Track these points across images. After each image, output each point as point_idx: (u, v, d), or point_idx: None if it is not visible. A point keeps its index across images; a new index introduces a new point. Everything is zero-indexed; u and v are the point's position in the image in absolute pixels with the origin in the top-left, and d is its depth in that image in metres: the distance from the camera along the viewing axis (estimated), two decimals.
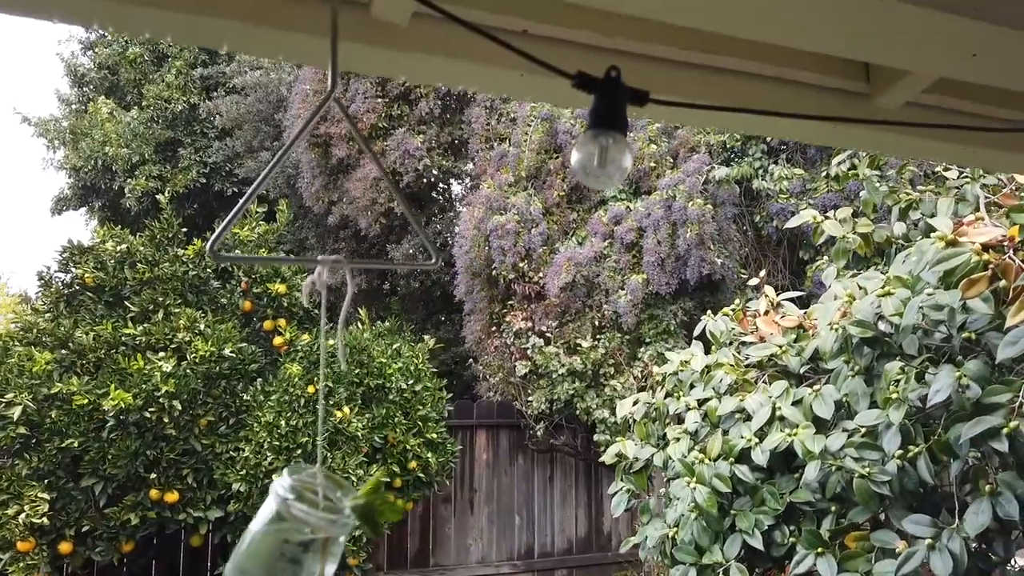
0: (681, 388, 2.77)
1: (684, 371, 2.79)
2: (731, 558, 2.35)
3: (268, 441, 4.90)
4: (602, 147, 0.97)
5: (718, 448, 2.44)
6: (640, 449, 2.76)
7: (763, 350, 2.62)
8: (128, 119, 11.57)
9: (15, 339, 5.07)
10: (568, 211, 7.25)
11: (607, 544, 7.56)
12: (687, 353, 2.84)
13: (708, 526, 2.41)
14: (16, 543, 4.48)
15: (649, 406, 2.85)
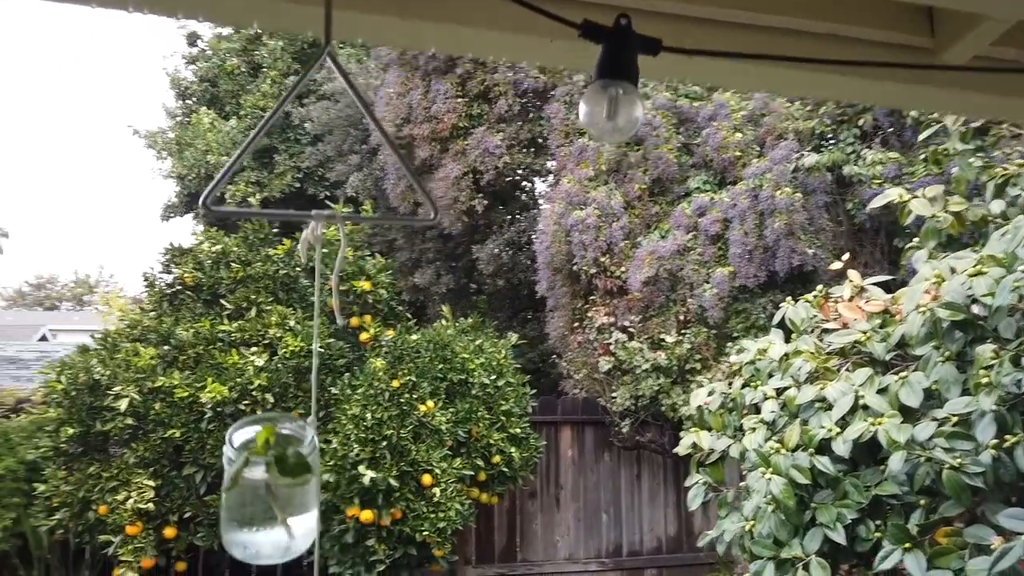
0: (759, 377, 2.67)
1: (762, 360, 2.68)
2: (811, 553, 2.24)
3: (354, 433, 5.04)
4: (611, 98, 0.93)
5: (796, 438, 2.33)
6: (716, 440, 2.68)
7: (846, 337, 2.48)
8: (227, 128, 12.16)
9: (122, 336, 5.42)
10: (650, 204, 7.12)
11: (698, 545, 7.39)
12: (765, 341, 2.73)
13: (787, 519, 2.31)
14: (125, 527, 4.78)
15: (725, 396, 2.76)
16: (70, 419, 5.06)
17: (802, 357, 2.51)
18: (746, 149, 6.82)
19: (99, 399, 5.04)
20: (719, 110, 6.99)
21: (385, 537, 5.03)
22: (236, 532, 0.90)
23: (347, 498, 4.92)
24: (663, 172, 6.99)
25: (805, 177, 6.56)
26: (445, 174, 8.06)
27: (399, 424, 5.15)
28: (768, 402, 2.54)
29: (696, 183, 6.99)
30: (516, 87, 7.96)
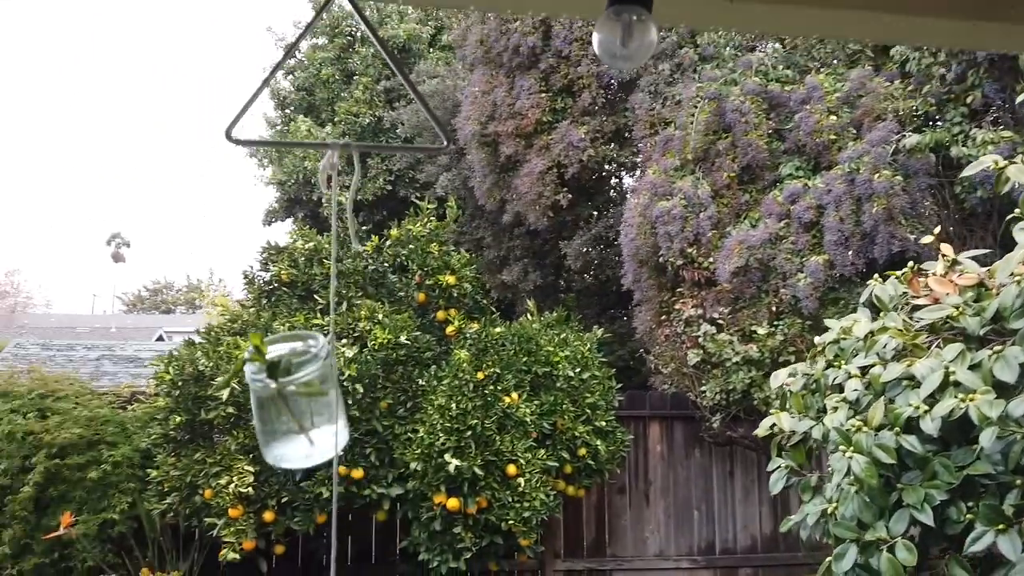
0: (843, 356, 2.55)
1: (846, 339, 2.56)
2: (898, 535, 2.12)
3: (440, 423, 5.14)
4: (625, 25, 0.91)
5: (880, 416, 2.21)
6: (797, 422, 2.57)
7: (936, 312, 2.33)
8: (323, 135, 12.63)
9: (224, 330, 5.72)
10: (739, 192, 6.92)
11: (796, 544, 7.10)
12: (850, 319, 2.60)
13: (871, 501, 2.19)
14: (228, 510, 5.04)
15: (808, 377, 2.64)
16: (178, 408, 5.40)
17: (888, 334, 2.38)
18: (841, 132, 6.52)
19: (203, 389, 5.34)
20: (812, 93, 6.71)
21: (471, 525, 5.10)
22: (265, 443, 0.95)
23: (434, 486, 5.02)
24: (753, 159, 6.78)
25: (906, 159, 6.21)
26: (529, 169, 8.09)
27: (483, 414, 5.21)
28: (851, 381, 2.42)
29: (788, 169, 6.74)
30: (600, 79, 7.91)
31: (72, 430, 5.99)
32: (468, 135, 8.61)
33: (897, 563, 2.06)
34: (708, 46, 7.51)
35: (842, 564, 2.23)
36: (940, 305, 2.33)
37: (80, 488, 5.95)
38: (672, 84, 7.59)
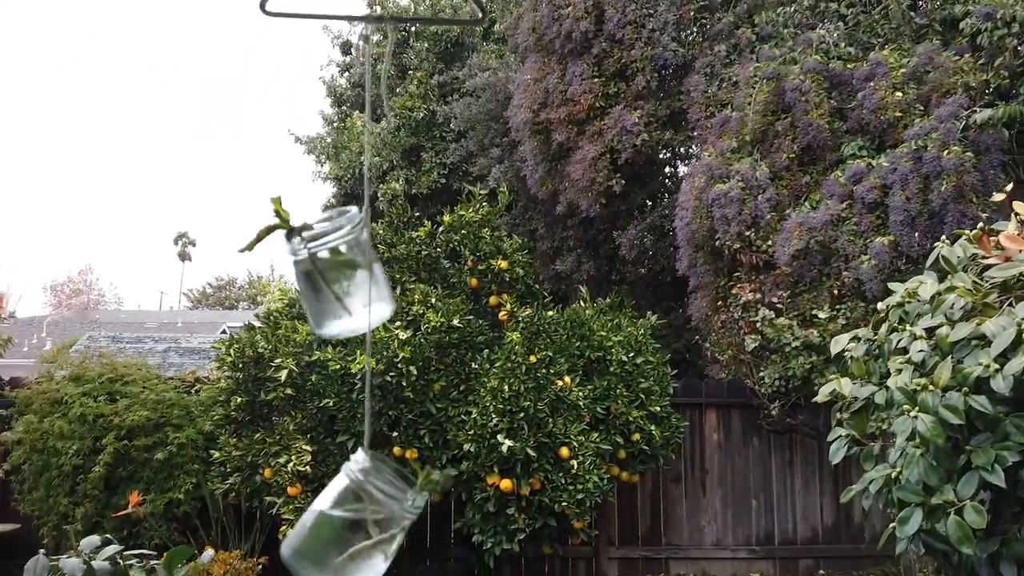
0: (907, 320, 2.43)
1: (911, 302, 2.44)
2: (966, 498, 2.01)
3: (493, 405, 5.14)
4: None
5: (947, 376, 2.10)
6: (859, 388, 2.47)
7: (1008, 269, 2.20)
8: (378, 130, 12.81)
9: (282, 315, 5.84)
10: (799, 174, 6.74)
11: (859, 536, 6.89)
12: (915, 281, 2.49)
13: (937, 463, 2.08)
14: (287, 488, 5.15)
15: (871, 343, 2.54)
16: (238, 390, 5.53)
17: (957, 293, 2.26)
18: (908, 109, 6.29)
19: (263, 371, 5.46)
20: (876, 69, 6.49)
21: (525, 507, 5.09)
22: (316, 324, 0.93)
23: (487, 466, 5.03)
24: (813, 139, 6.59)
25: (977, 135, 5.95)
26: (582, 156, 8.03)
27: (536, 397, 5.19)
28: (917, 342, 2.30)
29: (851, 149, 6.53)
30: (654, 62, 7.79)
31: (140, 413, 6.20)
32: (520, 123, 8.61)
33: (966, 526, 1.96)
34: (766, 25, 7.33)
35: (907, 528, 2.13)
36: (1012, 262, 2.21)
37: (147, 469, 6.16)
38: (729, 65, 7.44)
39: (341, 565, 0.85)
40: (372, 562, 0.86)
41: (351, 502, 0.85)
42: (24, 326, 20.34)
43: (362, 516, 0.85)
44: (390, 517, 0.86)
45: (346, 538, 0.85)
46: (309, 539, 0.85)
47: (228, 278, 31.29)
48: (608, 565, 6.69)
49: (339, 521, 0.86)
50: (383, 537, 0.86)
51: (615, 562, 6.73)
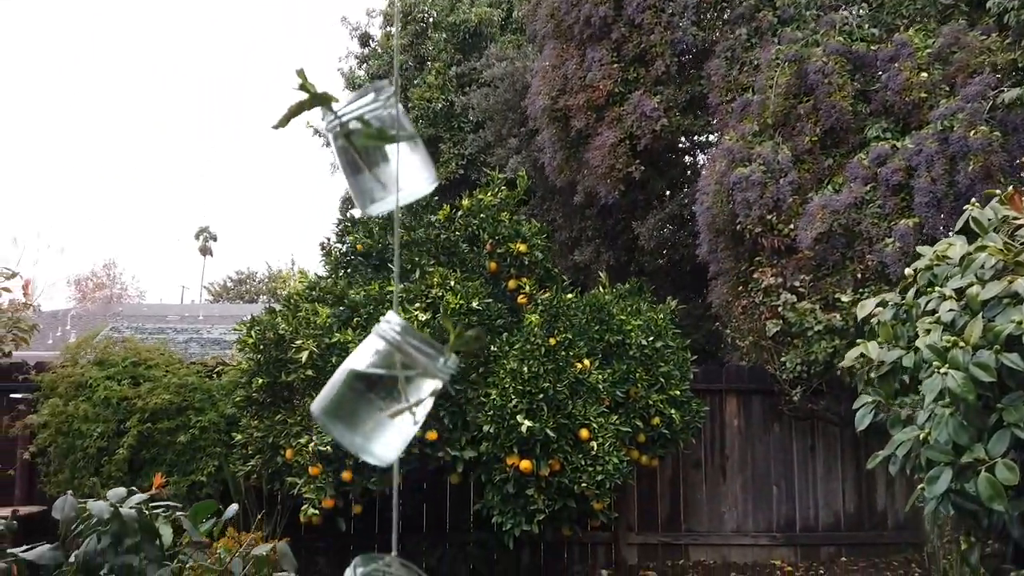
0: (936, 283, 2.39)
1: (940, 265, 2.40)
2: (997, 456, 1.97)
3: (513, 386, 5.13)
4: None
5: (978, 333, 2.06)
6: (886, 352, 2.43)
7: None
8: None
9: (303, 298, 5.87)
10: (822, 157, 6.66)
11: (882, 523, 6.82)
12: (944, 243, 2.44)
13: (967, 422, 2.05)
14: (308, 468, 5.17)
15: (898, 307, 2.49)
16: (260, 371, 5.57)
17: (987, 252, 2.22)
18: (933, 90, 6.19)
19: (283, 353, 5.49)
20: (900, 50, 6.40)
21: (544, 488, 5.08)
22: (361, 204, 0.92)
23: (507, 447, 5.02)
24: (836, 122, 6.51)
25: (1005, 115, 5.85)
26: (601, 142, 7.99)
27: (555, 379, 5.17)
28: (946, 303, 2.26)
29: (874, 131, 6.45)
30: (673, 47, 7.73)
31: (162, 396, 6.26)
32: (538, 110, 8.58)
33: (997, 483, 1.92)
34: (788, 7, 7.25)
35: (935, 487, 2.09)
36: None
37: (170, 451, 6.22)
38: (750, 49, 7.36)
39: (371, 427, 0.84)
40: (402, 425, 0.85)
41: (383, 361, 0.84)
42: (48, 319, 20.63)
43: (394, 375, 0.84)
44: (422, 377, 0.85)
45: (376, 399, 0.84)
46: (338, 397, 0.84)
47: (248, 272, 31.54)
48: (627, 550, 6.67)
49: (370, 379, 0.84)
50: (414, 400, 0.85)
51: (634, 547, 6.71)
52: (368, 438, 0.84)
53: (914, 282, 2.54)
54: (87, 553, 1.57)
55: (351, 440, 0.84)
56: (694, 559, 6.71)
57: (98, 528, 1.61)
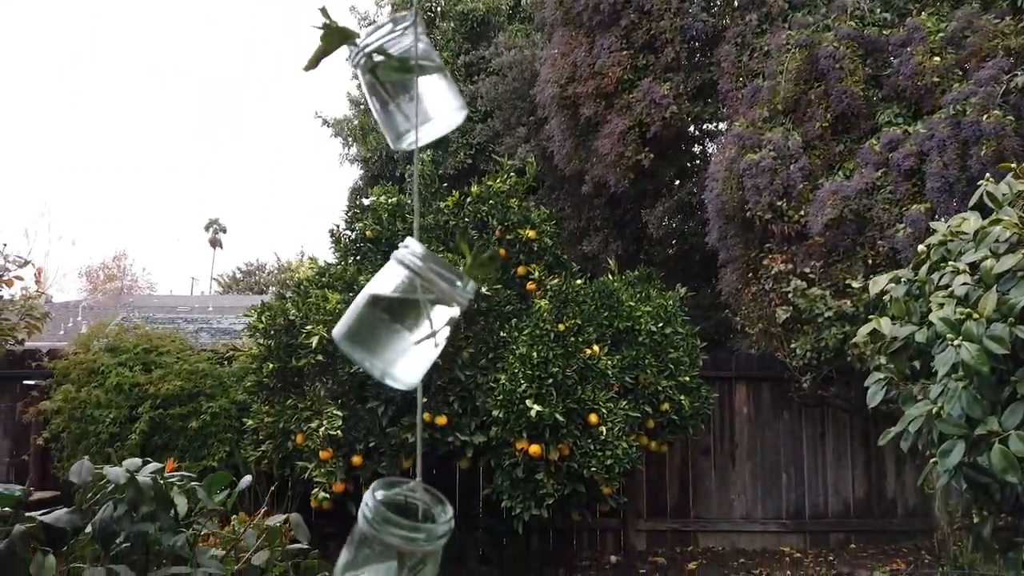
0: (950, 257, 2.37)
1: (954, 240, 2.38)
2: (1011, 428, 1.96)
3: (522, 371, 5.14)
4: None
5: (992, 306, 2.05)
6: (899, 328, 2.42)
7: None
8: None
9: (312, 284, 5.89)
10: (833, 143, 6.62)
11: (892, 510, 6.81)
12: (958, 219, 2.42)
13: (981, 395, 2.04)
14: (319, 452, 5.20)
15: (911, 283, 2.48)
16: (270, 356, 5.59)
17: (1002, 225, 2.20)
18: (946, 74, 6.14)
19: (294, 338, 5.51)
20: (912, 34, 6.35)
21: (554, 472, 5.09)
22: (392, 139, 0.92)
23: (516, 431, 5.03)
24: (848, 107, 6.47)
25: (1018, 99, 5.80)
26: (610, 130, 7.97)
27: (564, 364, 5.18)
28: (960, 276, 2.25)
29: (886, 116, 6.41)
30: (683, 33, 7.69)
31: (174, 383, 6.30)
32: (547, 98, 8.56)
33: (1010, 455, 1.91)
34: None
35: (948, 460, 2.08)
36: None
37: (182, 437, 6.26)
38: (760, 34, 7.32)
39: (393, 352, 0.85)
40: (423, 350, 0.86)
41: (403, 287, 0.85)
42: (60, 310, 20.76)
43: (414, 298, 0.84)
44: (442, 300, 0.85)
45: (397, 324, 0.85)
46: (358, 322, 0.85)
47: (258, 263, 31.65)
48: (636, 537, 6.68)
49: (390, 305, 0.85)
50: (434, 326, 0.85)
51: (643, 534, 6.72)
52: (390, 363, 0.84)
53: (927, 258, 2.53)
54: (103, 520, 1.58)
55: (372, 364, 0.85)
56: (703, 546, 6.71)
57: (114, 495, 1.63)
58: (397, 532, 0.76)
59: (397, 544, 0.76)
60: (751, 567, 6.10)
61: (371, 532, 0.77)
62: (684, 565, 6.20)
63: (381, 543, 0.77)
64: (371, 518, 0.77)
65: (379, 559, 0.78)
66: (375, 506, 0.78)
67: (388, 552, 0.77)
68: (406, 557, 0.78)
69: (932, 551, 6.20)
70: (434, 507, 0.83)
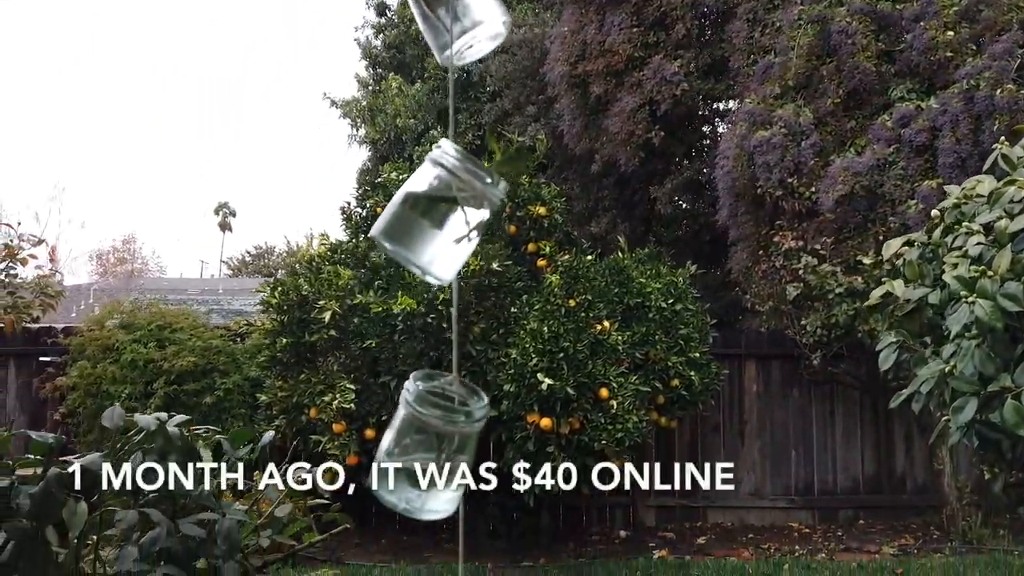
0: (964, 220, 2.38)
1: (968, 203, 2.39)
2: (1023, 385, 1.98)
3: (533, 345, 5.17)
4: None
5: (1006, 264, 2.06)
6: (912, 290, 2.43)
7: None
8: (413, 92, 12.81)
9: (324, 260, 5.93)
10: (844, 119, 6.60)
11: (901, 487, 6.83)
12: (972, 181, 2.43)
13: (994, 353, 2.05)
14: (332, 425, 5.26)
15: (925, 246, 2.49)
16: (283, 331, 5.64)
17: (1017, 186, 2.21)
18: (959, 48, 6.10)
19: (307, 313, 5.56)
20: (926, 8, 6.30)
21: (564, 446, 5.13)
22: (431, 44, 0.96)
23: (527, 405, 5.07)
24: (860, 83, 6.43)
25: None
26: (620, 108, 7.95)
27: (575, 339, 5.20)
28: (974, 236, 2.26)
29: (899, 92, 6.37)
30: (694, 9, 7.65)
31: (188, 359, 6.37)
32: (557, 76, 8.53)
33: (1023, 409, 1.93)
34: None
35: (961, 416, 2.10)
36: None
37: (196, 413, 6.31)
38: (772, 10, 7.27)
39: (430, 249, 0.88)
40: (458, 247, 0.89)
41: (439, 186, 0.88)
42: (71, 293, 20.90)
43: (449, 195, 0.87)
44: (475, 200, 0.88)
45: (431, 221, 0.88)
46: (395, 220, 0.88)
47: (267, 246, 31.74)
48: (645, 512, 6.74)
49: (426, 203, 0.88)
50: (469, 224, 0.88)
51: (652, 510, 6.78)
52: (429, 262, 0.88)
53: (941, 221, 2.54)
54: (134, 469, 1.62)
55: (408, 259, 0.88)
56: (712, 521, 6.76)
57: (143, 444, 1.67)
58: (437, 413, 0.79)
59: (437, 425, 0.79)
60: (759, 542, 6.15)
61: (413, 414, 0.80)
62: (693, 540, 6.25)
63: (422, 424, 0.80)
64: (412, 400, 0.80)
65: (418, 448, 0.81)
66: (416, 390, 0.81)
67: (427, 440, 0.80)
68: (444, 442, 0.81)
69: (941, 527, 6.23)
70: (469, 398, 0.86)
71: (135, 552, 1.52)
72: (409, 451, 0.84)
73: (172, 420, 1.74)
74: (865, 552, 5.78)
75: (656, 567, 5.29)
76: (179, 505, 1.79)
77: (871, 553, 5.74)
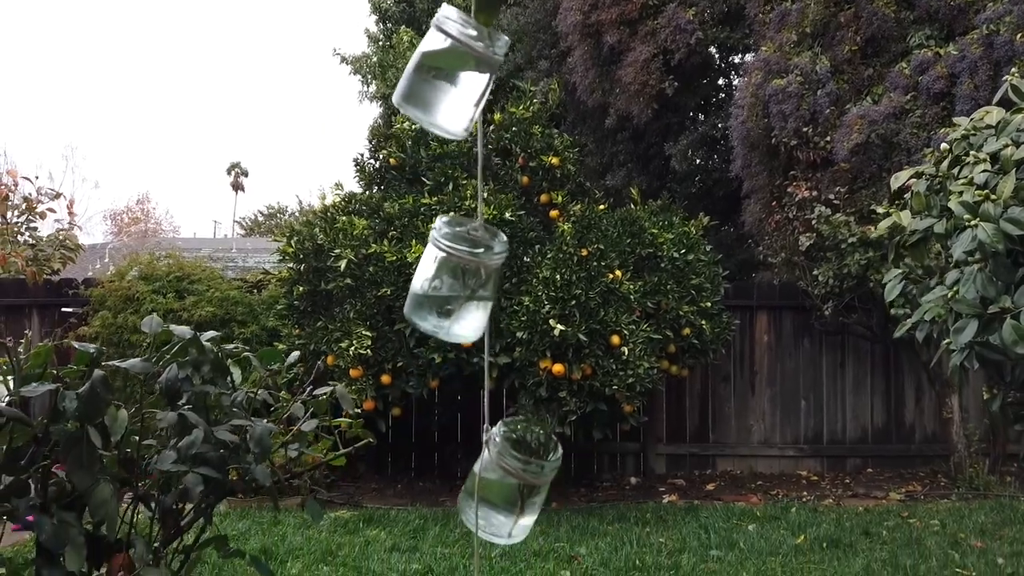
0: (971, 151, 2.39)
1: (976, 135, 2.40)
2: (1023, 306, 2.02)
3: (545, 293, 5.24)
4: None
5: (1010, 190, 2.08)
6: (919, 221, 2.46)
7: None
8: None
9: (338, 210, 5.99)
10: (862, 67, 6.52)
11: (910, 436, 6.91)
12: (981, 111, 2.44)
13: (996, 277, 2.09)
14: (349, 371, 5.37)
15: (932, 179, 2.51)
16: (300, 280, 5.73)
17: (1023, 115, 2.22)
18: None
19: (322, 262, 5.64)
20: None
21: (576, 391, 5.22)
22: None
23: (540, 351, 5.16)
24: (878, 30, 6.34)
25: None
26: (634, 58, 7.88)
27: (587, 287, 5.26)
28: (980, 165, 2.28)
29: (917, 39, 6.28)
30: None
31: (207, 309, 6.48)
32: (570, 26, 8.45)
33: (1021, 328, 1.97)
34: None
35: (961, 337, 2.15)
36: None
37: None
38: None
39: (442, 107, 0.95)
40: (467, 103, 0.96)
41: (445, 48, 0.95)
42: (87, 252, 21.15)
43: (454, 56, 0.94)
44: (481, 62, 0.95)
45: (440, 80, 0.95)
46: (410, 84, 0.96)
47: (279, 206, 31.85)
48: (656, 460, 6.86)
49: (432, 64, 0.96)
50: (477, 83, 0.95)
51: (663, 458, 6.90)
52: (442, 116, 0.95)
53: (950, 153, 2.55)
54: (169, 379, 1.71)
55: (422, 118, 0.95)
56: (721, 469, 6.88)
57: (178, 357, 1.76)
58: (463, 247, 0.89)
59: (463, 257, 0.89)
60: (768, 488, 6.26)
61: (441, 249, 0.90)
62: (702, 487, 6.37)
63: (446, 259, 0.89)
64: (439, 237, 0.90)
65: (446, 283, 0.90)
66: (443, 228, 0.91)
67: (454, 273, 0.89)
68: (469, 276, 0.89)
69: (948, 475, 6.31)
70: (492, 239, 0.95)
71: (173, 455, 1.62)
72: (438, 288, 0.93)
73: (206, 335, 1.82)
74: (872, 498, 5.88)
75: (666, 510, 5.42)
76: (212, 416, 1.88)
77: (878, 499, 5.84)
